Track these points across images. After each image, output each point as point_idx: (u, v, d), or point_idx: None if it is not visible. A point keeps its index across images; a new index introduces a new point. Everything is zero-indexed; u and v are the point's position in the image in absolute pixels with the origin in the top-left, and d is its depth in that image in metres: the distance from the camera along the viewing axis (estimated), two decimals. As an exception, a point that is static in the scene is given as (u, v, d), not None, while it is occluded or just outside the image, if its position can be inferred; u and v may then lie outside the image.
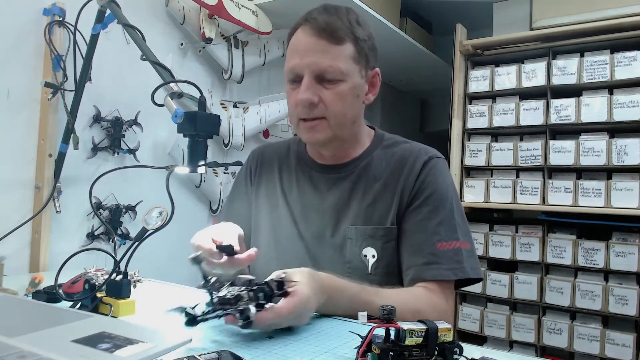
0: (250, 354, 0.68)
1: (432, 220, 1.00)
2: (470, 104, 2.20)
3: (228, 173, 2.04)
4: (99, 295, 0.88)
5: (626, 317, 1.81)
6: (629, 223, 1.83)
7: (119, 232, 1.62)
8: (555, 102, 1.99)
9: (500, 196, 2.08)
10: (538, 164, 2.01)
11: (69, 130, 1.41)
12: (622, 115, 1.86)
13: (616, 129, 1.91)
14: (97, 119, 1.57)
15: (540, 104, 2.02)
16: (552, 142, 1.98)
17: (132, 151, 1.66)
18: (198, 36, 1.84)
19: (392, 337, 0.61)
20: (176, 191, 1.88)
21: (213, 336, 0.77)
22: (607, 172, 1.90)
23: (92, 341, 0.63)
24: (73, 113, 1.40)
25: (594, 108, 1.91)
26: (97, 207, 1.57)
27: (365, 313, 0.61)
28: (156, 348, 0.61)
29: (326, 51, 0.97)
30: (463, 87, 2.21)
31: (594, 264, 1.88)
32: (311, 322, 0.85)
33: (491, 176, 2.13)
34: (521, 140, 2.09)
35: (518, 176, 2.07)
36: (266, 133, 2.24)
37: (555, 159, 1.97)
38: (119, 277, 0.88)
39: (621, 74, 1.87)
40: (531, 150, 2.02)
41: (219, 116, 0.95)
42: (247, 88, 2.15)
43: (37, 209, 1.39)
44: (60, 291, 0.92)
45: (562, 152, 1.96)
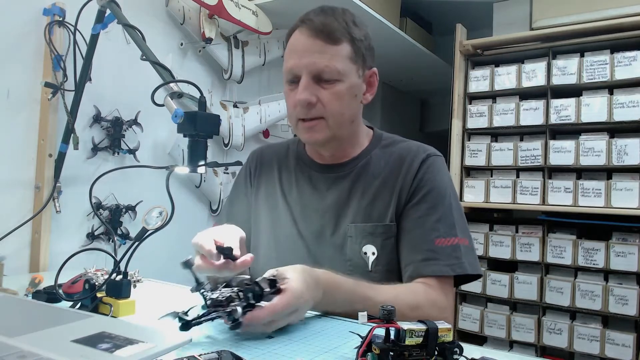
0: (250, 354, 0.68)
1: (431, 217, 1.00)
2: (470, 104, 2.20)
3: (228, 173, 2.04)
4: (99, 295, 0.88)
5: (626, 317, 1.81)
6: (629, 223, 1.83)
7: (119, 232, 1.62)
8: (555, 102, 1.99)
9: (500, 196, 2.08)
10: (538, 164, 2.01)
11: (69, 130, 1.41)
12: (622, 115, 1.86)
13: (616, 129, 1.91)
14: (97, 119, 1.57)
15: (540, 104, 2.02)
16: (552, 142, 1.98)
17: (132, 151, 1.66)
18: (198, 36, 1.84)
19: (392, 337, 0.61)
20: (176, 191, 1.88)
21: (213, 336, 0.77)
22: (607, 172, 1.90)
23: (92, 341, 0.63)
24: (73, 113, 1.40)
25: (594, 108, 1.91)
26: (97, 207, 1.57)
27: (365, 313, 0.61)
28: (156, 348, 0.61)
29: (323, 51, 0.98)
30: (463, 87, 2.21)
31: (594, 264, 1.88)
32: (311, 322, 0.85)
33: (491, 176, 2.13)
34: (521, 140, 2.09)
35: (518, 176, 2.07)
36: (266, 133, 2.24)
37: (555, 159, 1.97)
38: (119, 277, 0.88)
39: (621, 74, 1.87)
40: (531, 150, 2.02)
41: (219, 116, 0.95)
42: (247, 88, 2.15)
43: (37, 209, 1.39)
44: (60, 291, 0.92)
45: (562, 152, 1.96)
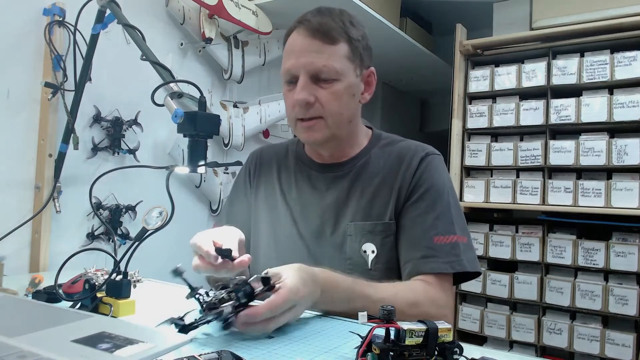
0: (250, 354, 0.68)
1: (429, 215, 1.01)
2: (470, 104, 2.20)
3: (228, 173, 2.05)
4: (99, 295, 0.88)
5: (626, 317, 1.81)
6: (629, 223, 1.83)
7: (119, 232, 1.62)
8: (555, 102, 1.99)
9: (500, 196, 2.08)
10: (538, 164, 2.01)
11: (69, 130, 1.41)
12: (622, 115, 1.86)
13: (616, 129, 1.91)
14: (97, 119, 1.57)
15: (540, 104, 2.02)
16: (552, 142, 1.98)
17: (132, 151, 1.66)
18: (198, 36, 1.84)
19: (392, 337, 0.61)
20: (176, 191, 1.88)
21: (213, 336, 0.77)
22: (607, 172, 1.90)
23: (92, 341, 0.63)
24: (73, 113, 1.40)
25: (594, 108, 1.91)
26: (97, 207, 1.57)
27: (365, 313, 0.61)
28: (156, 348, 0.61)
29: (321, 51, 0.98)
30: (463, 87, 2.21)
31: (594, 264, 1.88)
32: (311, 322, 0.85)
33: (491, 176, 2.13)
34: (521, 140, 2.09)
35: (518, 176, 2.07)
36: (266, 133, 2.24)
37: (555, 159, 1.97)
38: (119, 277, 0.88)
39: (621, 74, 1.87)
40: (531, 150, 2.02)
41: (219, 116, 0.95)
42: (247, 88, 2.15)
43: (37, 209, 1.39)
44: (60, 291, 0.92)
45: (562, 152, 1.96)
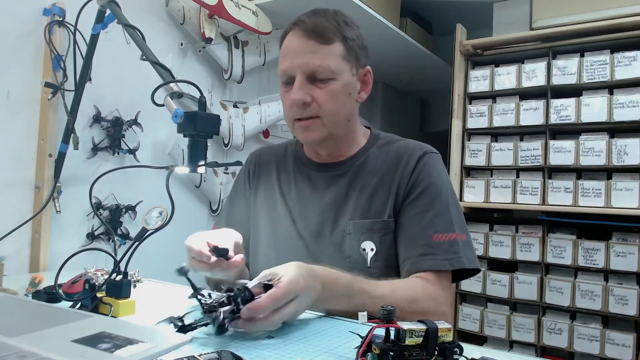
0: (250, 354, 0.68)
1: (428, 213, 1.01)
2: (470, 104, 2.20)
3: (228, 173, 2.05)
4: (99, 295, 0.88)
5: (626, 317, 1.81)
6: (629, 223, 1.83)
7: (119, 232, 1.62)
8: (555, 102, 1.99)
9: (500, 196, 2.08)
10: (538, 164, 2.01)
11: (69, 130, 1.41)
12: (622, 115, 1.86)
13: (616, 129, 1.91)
14: (97, 119, 1.57)
15: (540, 104, 2.02)
16: (552, 142, 1.98)
17: (132, 151, 1.66)
18: (198, 36, 1.84)
19: (392, 337, 0.61)
20: (176, 191, 1.88)
21: (213, 336, 0.76)
22: (607, 172, 1.90)
23: (92, 341, 0.63)
24: (73, 113, 1.40)
25: (594, 108, 1.91)
26: (97, 207, 1.57)
27: (365, 313, 0.61)
28: (156, 348, 0.61)
29: (316, 51, 0.99)
30: (463, 87, 2.21)
31: (594, 264, 1.88)
32: (311, 322, 0.85)
33: (491, 176, 2.13)
34: (521, 140, 2.09)
35: (518, 176, 2.07)
36: (266, 133, 2.24)
37: (555, 159, 1.97)
38: (119, 277, 0.88)
39: (621, 74, 1.87)
40: (531, 150, 2.02)
41: (219, 116, 0.95)
42: (247, 88, 2.15)
43: (37, 209, 1.39)
44: (60, 291, 0.92)
45: (562, 152, 1.96)
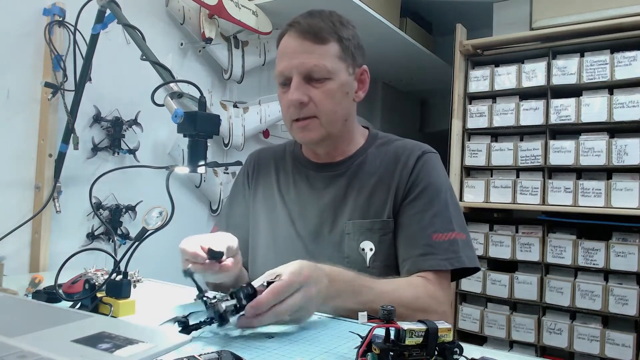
0: (250, 354, 0.68)
1: (427, 212, 1.01)
2: (470, 104, 2.20)
3: (228, 173, 2.05)
4: (99, 295, 0.88)
5: (626, 317, 1.81)
6: (629, 223, 1.83)
7: (119, 232, 1.62)
8: (555, 102, 1.99)
9: (500, 196, 2.08)
10: (538, 164, 2.01)
11: (69, 130, 1.41)
12: (622, 115, 1.86)
13: (616, 129, 1.91)
14: (97, 119, 1.57)
15: (540, 104, 2.02)
16: (552, 142, 1.98)
17: (132, 151, 1.66)
18: (198, 36, 1.84)
19: (392, 337, 0.61)
20: (176, 191, 1.88)
21: (213, 336, 0.77)
22: (607, 172, 1.90)
23: (92, 341, 0.63)
24: (73, 113, 1.40)
25: (594, 108, 1.91)
26: (97, 207, 1.57)
27: (365, 313, 0.62)
28: (156, 348, 0.61)
29: (312, 51, 1.00)
30: (463, 87, 2.21)
31: (594, 264, 1.88)
32: (311, 322, 0.85)
33: (491, 176, 2.13)
34: (521, 140, 2.09)
35: (518, 176, 2.07)
36: (266, 133, 2.24)
37: (555, 159, 1.97)
38: (119, 277, 0.88)
39: (621, 74, 1.87)
40: (531, 150, 2.02)
41: (219, 116, 0.95)
42: (247, 88, 2.15)
43: (37, 209, 1.39)
44: (60, 291, 0.92)
45: (562, 152, 1.96)
